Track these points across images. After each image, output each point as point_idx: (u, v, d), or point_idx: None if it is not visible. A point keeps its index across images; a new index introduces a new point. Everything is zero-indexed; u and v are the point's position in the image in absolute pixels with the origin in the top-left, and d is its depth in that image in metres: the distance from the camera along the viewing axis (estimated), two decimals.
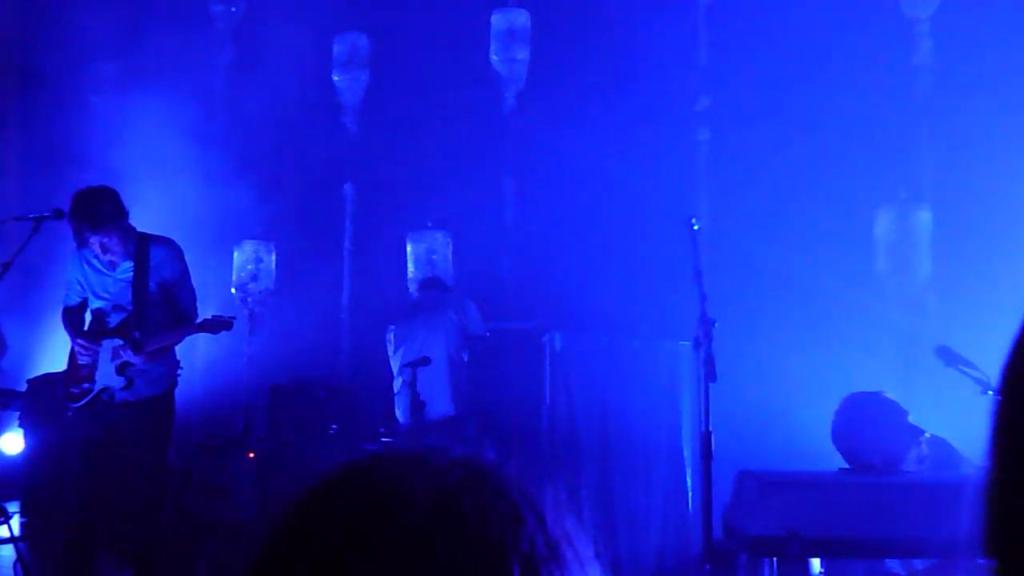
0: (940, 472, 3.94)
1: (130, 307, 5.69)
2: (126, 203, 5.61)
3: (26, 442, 8.26)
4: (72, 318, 5.78)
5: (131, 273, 5.68)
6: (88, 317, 5.81)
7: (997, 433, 0.85)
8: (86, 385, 5.66)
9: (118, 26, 9.87)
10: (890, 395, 3.98)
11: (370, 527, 0.74)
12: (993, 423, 0.86)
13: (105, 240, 5.55)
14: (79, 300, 5.79)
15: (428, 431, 6.26)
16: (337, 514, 0.76)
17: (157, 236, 5.84)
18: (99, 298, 5.73)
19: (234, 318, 5.96)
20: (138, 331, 5.64)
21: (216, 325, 5.89)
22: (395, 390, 7.15)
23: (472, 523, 0.74)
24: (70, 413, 5.74)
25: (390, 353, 7.32)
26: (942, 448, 4.13)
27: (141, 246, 5.70)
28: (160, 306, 5.76)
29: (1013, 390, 0.86)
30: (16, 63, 10.10)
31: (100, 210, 5.50)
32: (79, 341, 5.64)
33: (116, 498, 5.70)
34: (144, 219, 5.93)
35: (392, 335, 7.35)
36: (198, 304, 5.92)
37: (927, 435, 3.97)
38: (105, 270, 5.70)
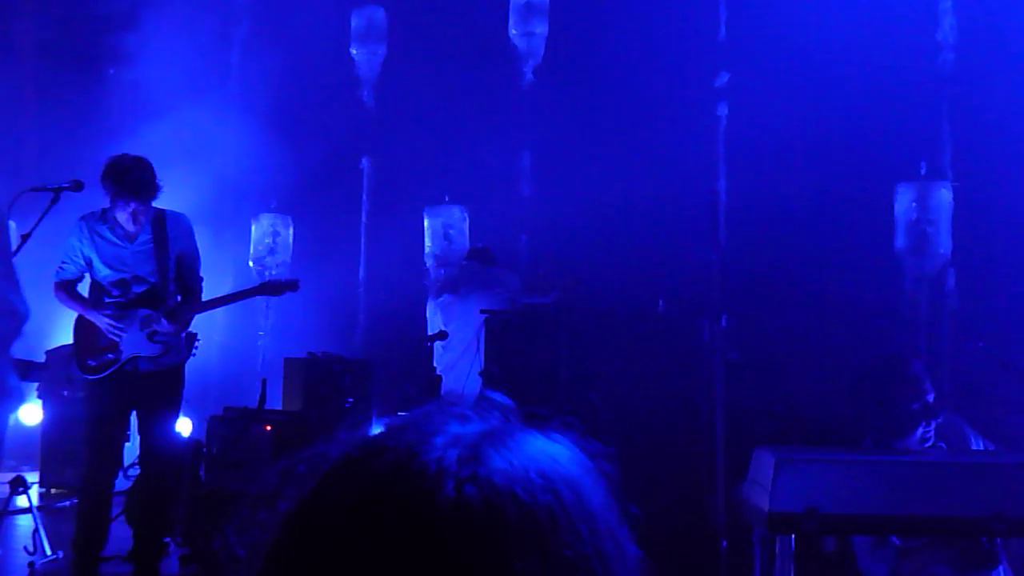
0: (958, 452, 3.92)
1: (152, 278, 5.70)
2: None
3: (44, 413, 8.32)
4: (73, 292, 5.77)
5: (151, 245, 5.69)
6: (88, 289, 5.80)
7: None
8: (110, 356, 5.64)
9: None
10: (920, 367, 3.93)
11: (398, 498, 0.73)
12: None
13: (139, 211, 5.59)
14: (78, 273, 5.77)
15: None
16: (364, 486, 0.75)
17: (172, 211, 5.88)
18: (115, 270, 5.70)
19: (298, 280, 6.13)
20: (170, 301, 5.70)
21: (278, 287, 6.02)
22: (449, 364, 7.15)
23: (505, 493, 0.73)
24: (87, 385, 5.75)
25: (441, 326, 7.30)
26: (955, 427, 4.10)
27: (158, 219, 5.73)
28: (175, 279, 5.80)
29: None
30: (34, 35, 10.10)
31: (146, 182, 5.55)
32: (108, 321, 5.62)
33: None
34: (162, 193, 5.92)
35: (439, 309, 7.34)
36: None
37: (940, 420, 3.93)
38: (121, 242, 5.69)
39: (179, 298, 5.81)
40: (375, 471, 0.76)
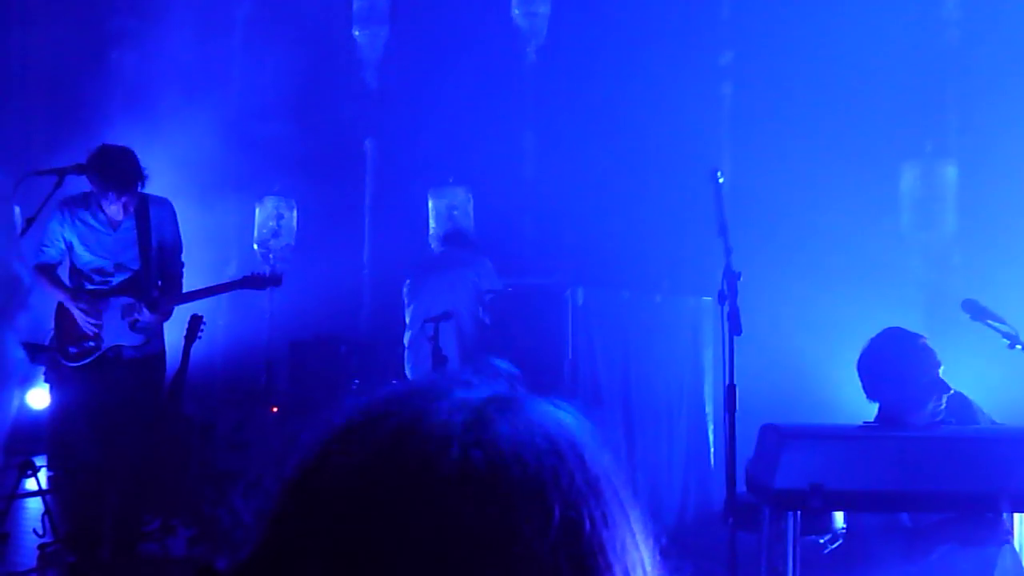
0: (963, 427, 3.92)
1: (135, 265, 5.70)
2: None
3: (51, 397, 8.33)
4: (53, 277, 5.73)
5: (134, 232, 5.69)
6: (68, 275, 5.78)
7: None
8: (90, 344, 5.64)
9: None
10: (930, 343, 3.93)
11: (403, 462, 0.73)
12: None
13: (126, 200, 5.58)
14: (59, 258, 5.74)
15: None
16: (368, 450, 0.75)
17: (155, 196, 5.84)
18: (97, 256, 5.70)
19: (282, 274, 6.17)
20: (153, 291, 5.68)
21: (262, 281, 6.01)
22: (406, 343, 7.12)
23: (510, 457, 0.73)
24: (70, 373, 5.74)
25: (406, 305, 7.24)
26: (962, 403, 4.10)
27: (141, 204, 5.72)
28: (157, 266, 5.79)
29: None
30: (37, 19, 10.08)
31: (130, 172, 5.54)
32: (84, 314, 5.61)
33: (121, 454, 5.74)
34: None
35: (408, 288, 7.28)
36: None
37: (951, 392, 3.93)
38: (103, 228, 5.68)
39: (160, 283, 5.79)
40: (379, 435, 0.75)
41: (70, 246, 5.70)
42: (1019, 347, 4.12)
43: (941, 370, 3.88)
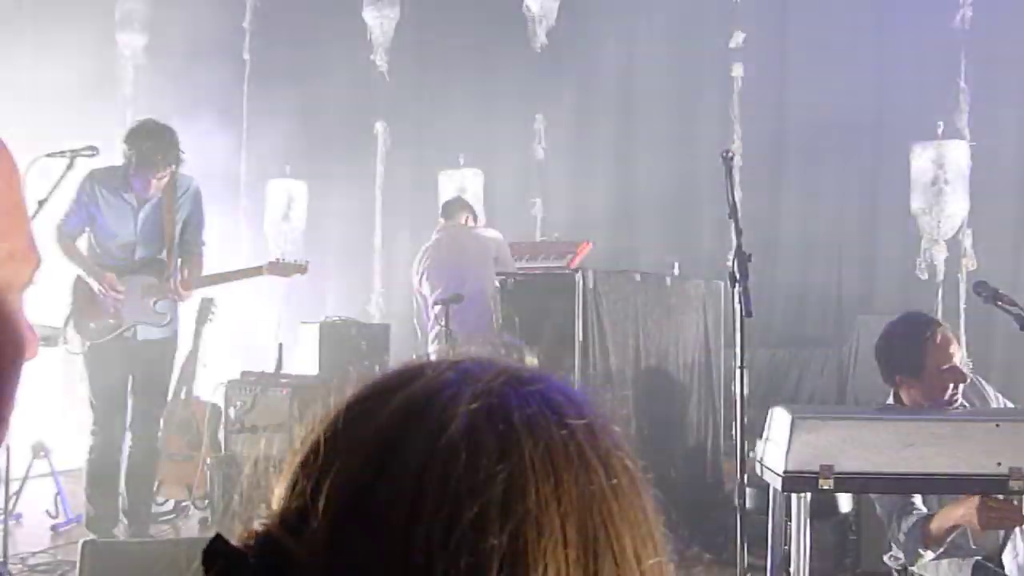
0: (975, 410, 3.91)
1: (158, 243, 5.67)
2: None
3: (63, 377, 8.35)
4: (75, 248, 5.66)
5: (159, 210, 5.64)
6: (86, 246, 5.75)
7: None
8: (111, 321, 5.63)
9: None
10: (949, 331, 3.90)
11: (413, 432, 0.74)
12: None
13: (160, 180, 5.53)
14: (81, 228, 5.68)
15: None
16: (376, 422, 0.76)
17: (182, 174, 5.78)
18: (120, 233, 5.67)
19: (307, 262, 6.13)
20: (175, 271, 5.68)
21: (287, 268, 5.98)
22: (431, 328, 7.07)
23: (520, 429, 0.74)
24: (88, 350, 5.72)
25: (426, 292, 7.11)
26: (973, 387, 4.09)
27: (168, 182, 5.65)
28: (178, 244, 5.76)
29: None
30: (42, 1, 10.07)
31: (170, 153, 5.49)
32: (109, 289, 5.58)
33: (134, 433, 5.80)
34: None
35: (425, 270, 7.18)
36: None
37: (968, 380, 3.91)
38: (130, 205, 5.64)
39: (179, 261, 5.76)
40: (388, 407, 0.76)
41: (93, 218, 5.65)
42: None
43: (958, 358, 3.86)
